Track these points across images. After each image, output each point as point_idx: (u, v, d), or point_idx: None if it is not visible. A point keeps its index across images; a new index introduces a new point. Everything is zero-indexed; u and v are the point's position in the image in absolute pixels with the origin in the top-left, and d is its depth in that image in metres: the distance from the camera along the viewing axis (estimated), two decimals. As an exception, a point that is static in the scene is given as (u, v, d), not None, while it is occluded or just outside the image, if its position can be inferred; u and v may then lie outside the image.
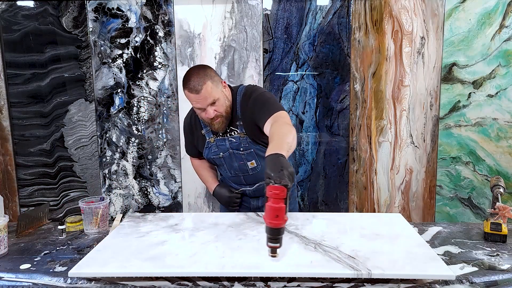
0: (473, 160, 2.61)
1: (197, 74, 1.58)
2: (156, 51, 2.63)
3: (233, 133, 1.71)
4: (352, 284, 1.16)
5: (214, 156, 1.78)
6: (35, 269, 1.27)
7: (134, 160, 2.75)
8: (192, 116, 1.85)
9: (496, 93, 2.53)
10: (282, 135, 1.36)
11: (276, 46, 2.61)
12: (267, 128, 1.54)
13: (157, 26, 2.61)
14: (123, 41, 2.63)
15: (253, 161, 1.74)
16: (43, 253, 1.40)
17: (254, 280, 1.17)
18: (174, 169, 2.75)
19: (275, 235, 1.14)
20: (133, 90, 2.68)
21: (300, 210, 2.74)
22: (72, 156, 2.75)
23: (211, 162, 1.88)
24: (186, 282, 1.18)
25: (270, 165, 1.15)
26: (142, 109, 2.70)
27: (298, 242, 1.35)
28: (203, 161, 1.98)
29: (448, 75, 2.57)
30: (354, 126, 2.67)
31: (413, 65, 2.58)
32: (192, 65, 2.63)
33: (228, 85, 1.73)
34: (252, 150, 1.71)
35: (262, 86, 2.63)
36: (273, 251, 1.17)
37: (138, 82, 2.67)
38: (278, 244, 1.16)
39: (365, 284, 1.16)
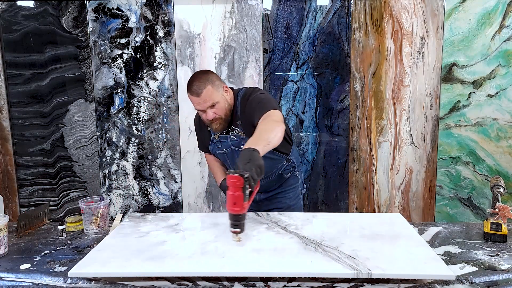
0: (473, 160, 2.61)
1: (199, 78, 1.69)
2: (156, 51, 2.63)
3: (234, 132, 1.79)
4: (352, 284, 1.16)
5: (218, 152, 1.87)
6: (35, 269, 1.27)
7: (134, 160, 2.75)
8: None
9: (496, 93, 2.53)
10: (261, 131, 1.47)
11: (276, 46, 2.61)
12: None
13: (157, 26, 2.61)
14: (123, 41, 2.63)
15: None
16: (43, 253, 1.40)
17: (254, 280, 1.17)
18: (174, 169, 2.75)
19: (234, 221, 1.26)
20: (133, 90, 2.68)
21: (300, 210, 2.74)
22: (72, 156, 2.75)
23: (217, 157, 1.97)
24: (186, 282, 1.18)
25: (240, 158, 1.28)
26: (142, 109, 2.70)
27: (298, 242, 1.34)
28: (214, 156, 2.04)
29: (448, 75, 2.57)
30: (354, 126, 2.67)
31: (413, 65, 2.58)
32: (192, 65, 2.64)
33: (231, 88, 1.83)
34: None
35: (262, 87, 2.63)
36: (235, 236, 1.29)
37: (138, 82, 2.67)
38: (239, 230, 1.27)
39: (365, 284, 1.15)
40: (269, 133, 1.45)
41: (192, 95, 1.68)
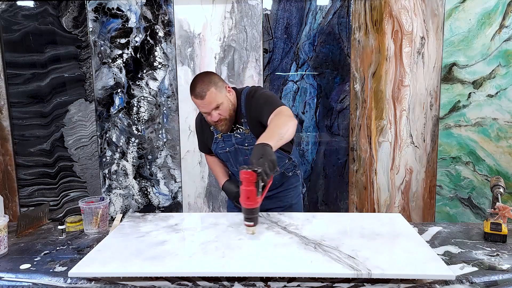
0: (473, 160, 2.61)
1: (202, 81, 1.69)
2: (156, 51, 2.63)
3: (239, 130, 1.81)
4: (352, 284, 1.16)
5: (221, 151, 1.88)
6: (35, 269, 1.27)
7: (134, 160, 2.75)
8: (202, 115, 1.90)
9: (496, 93, 2.53)
10: (274, 126, 1.49)
11: (276, 46, 2.61)
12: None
13: (157, 26, 2.61)
14: (123, 41, 2.63)
15: None
16: (43, 253, 1.40)
17: (254, 280, 1.17)
18: (174, 169, 2.75)
19: (248, 215, 1.31)
20: (133, 90, 2.68)
21: (300, 210, 2.74)
22: (72, 156, 2.75)
23: (219, 158, 1.97)
24: (186, 282, 1.18)
25: (253, 153, 1.31)
26: (142, 109, 2.70)
27: (298, 242, 1.35)
28: (215, 157, 2.07)
29: (448, 75, 2.57)
30: (354, 126, 2.67)
31: (413, 65, 2.58)
32: (192, 65, 2.64)
33: (234, 88, 1.85)
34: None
35: (262, 86, 2.63)
36: (249, 229, 1.34)
37: (138, 82, 2.67)
38: (252, 223, 1.32)
39: (365, 284, 1.15)
40: (281, 128, 1.48)
41: (196, 98, 1.68)
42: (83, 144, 2.74)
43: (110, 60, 2.65)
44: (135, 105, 2.70)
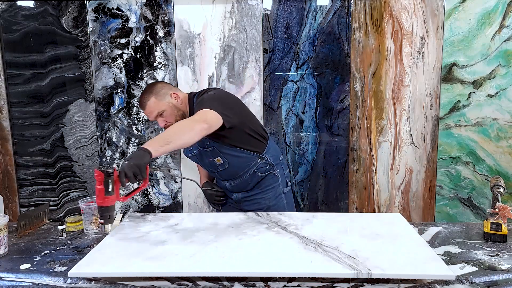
0: (473, 160, 2.61)
1: (144, 91, 1.81)
2: (156, 51, 2.63)
3: None
4: (352, 284, 1.16)
5: (190, 154, 1.95)
6: (35, 269, 1.27)
7: (134, 160, 2.75)
8: None
9: (496, 93, 2.53)
10: (167, 130, 1.49)
11: (276, 46, 2.61)
12: None
13: (157, 26, 2.61)
14: (123, 41, 2.63)
15: (219, 157, 1.84)
16: (43, 253, 1.40)
17: (254, 280, 1.17)
18: (174, 169, 2.75)
19: (99, 212, 1.36)
20: (133, 90, 2.68)
21: (300, 210, 2.75)
22: (72, 156, 2.75)
23: (193, 161, 2.04)
24: (186, 282, 1.18)
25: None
26: (142, 109, 2.70)
27: (298, 242, 1.35)
28: None
29: (448, 75, 2.57)
30: (354, 126, 2.67)
31: (413, 65, 2.58)
32: (192, 65, 2.64)
33: (191, 92, 1.90)
34: (214, 147, 1.80)
35: (261, 87, 2.63)
36: (102, 226, 1.40)
37: (138, 82, 2.67)
38: (102, 221, 1.36)
39: (365, 284, 1.16)
40: (175, 133, 1.45)
41: (141, 108, 1.80)
42: (83, 144, 2.74)
43: (110, 60, 2.65)
44: (135, 105, 2.69)
